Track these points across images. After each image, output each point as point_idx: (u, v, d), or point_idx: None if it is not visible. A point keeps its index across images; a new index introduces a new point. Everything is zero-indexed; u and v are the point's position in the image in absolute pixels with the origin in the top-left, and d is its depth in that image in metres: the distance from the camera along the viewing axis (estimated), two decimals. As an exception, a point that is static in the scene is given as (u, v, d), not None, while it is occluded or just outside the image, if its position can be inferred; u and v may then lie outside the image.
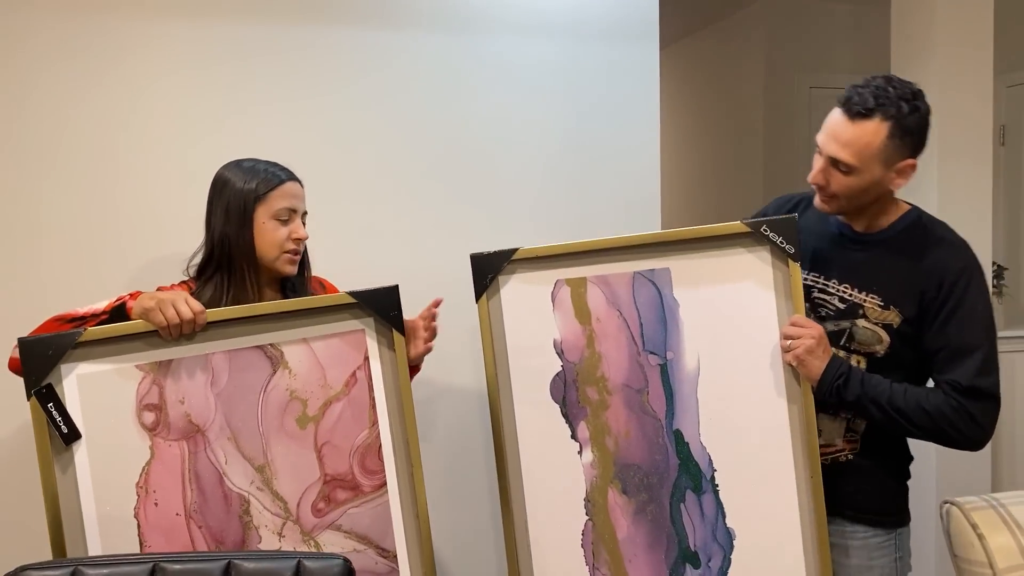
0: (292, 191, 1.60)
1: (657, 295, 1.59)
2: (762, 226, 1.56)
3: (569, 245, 1.60)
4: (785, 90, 3.96)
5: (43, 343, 1.36)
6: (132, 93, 2.01)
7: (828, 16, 3.99)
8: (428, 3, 2.21)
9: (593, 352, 1.59)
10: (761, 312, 1.58)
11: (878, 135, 1.46)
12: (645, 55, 2.40)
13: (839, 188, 1.52)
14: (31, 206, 1.95)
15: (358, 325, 1.48)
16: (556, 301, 1.60)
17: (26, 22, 1.94)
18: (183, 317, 1.38)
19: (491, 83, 2.26)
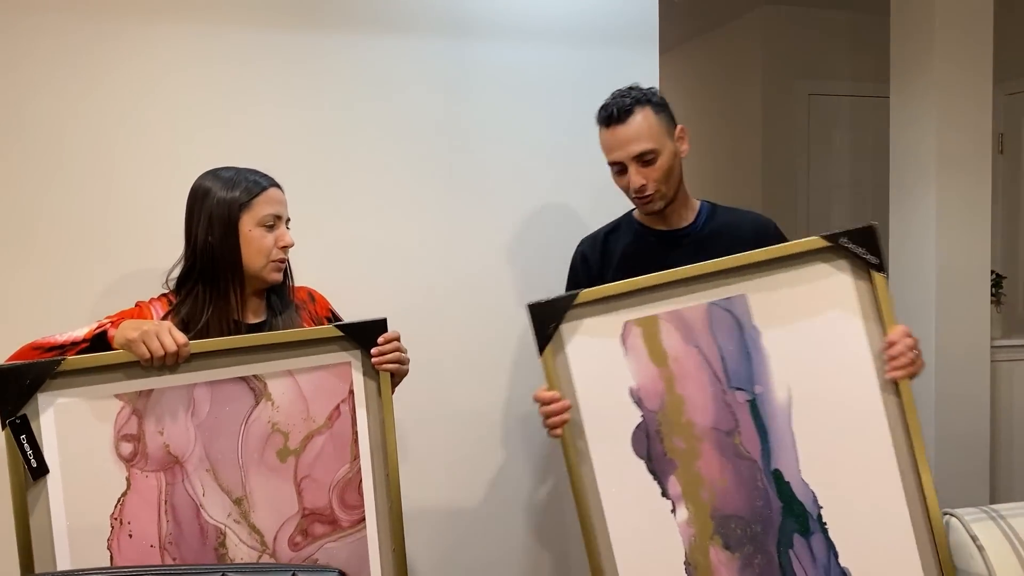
0: (276, 197, 1.57)
1: (736, 325, 1.45)
2: (840, 238, 1.44)
3: (634, 282, 1.46)
4: (784, 97, 3.93)
5: (21, 372, 1.33)
6: (130, 97, 1.99)
7: (826, 23, 3.96)
8: (427, 9, 2.19)
9: (674, 396, 1.44)
10: (848, 331, 1.44)
11: (649, 117, 1.67)
12: (645, 60, 2.38)
13: (658, 176, 1.67)
14: (28, 210, 1.93)
15: (345, 358, 1.45)
16: (627, 345, 1.45)
17: (25, 26, 1.92)
18: (167, 349, 1.35)
19: (491, 89, 2.25)
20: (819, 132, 3.97)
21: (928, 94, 2.78)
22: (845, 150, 4.01)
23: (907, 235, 2.89)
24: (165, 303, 1.56)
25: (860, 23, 3.97)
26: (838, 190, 4.01)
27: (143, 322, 1.39)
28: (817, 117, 3.97)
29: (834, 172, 4.00)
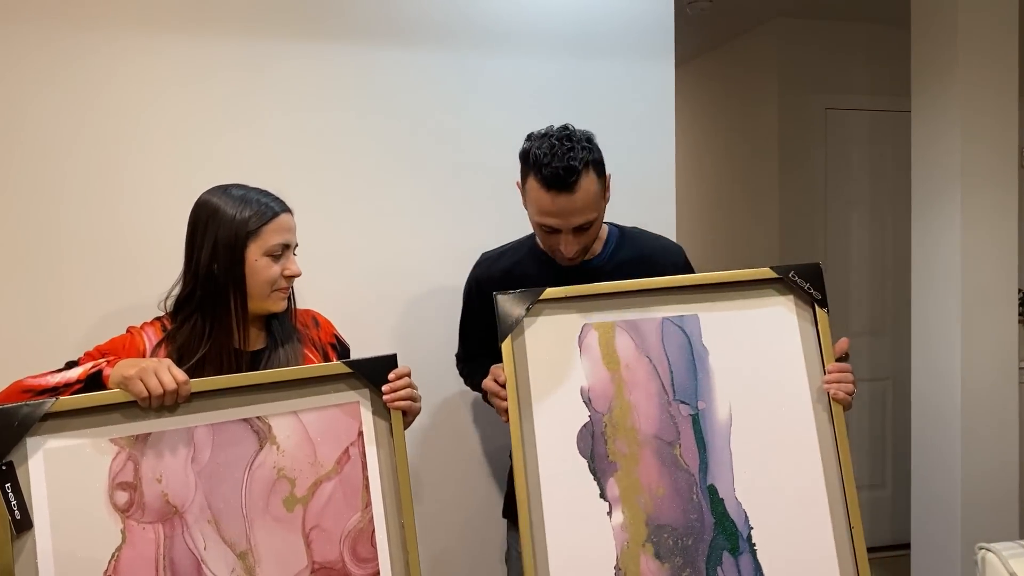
0: (286, 224, 1.48)
1: (687, 342, 1.53)
2: (789, 272, 1.54)
3: (596, 286, 1.53)
4: (800, 111, 3.84)
5: (8, 414, 1.23)
6: (129, 109, 1.94)
7: (843, 36, 3.87)
8: (440, 20, 2.15)
9: (622, 401, 1.49)
10: (789, 359, 1.53)
11: (593, 182, 1.56)
12: (661, 72, 2.34)
13: (587, 242, 1.62)
14: (22, 224, 1.88)
15: (353, 397, 1.37)
16: (583, 346, 1.51)
17: (24, 37, 1.87)
18: (166, 388, 1.26)
19: (507, 101, 2.21)
20: (836, 147, 3.88)
21: (951, 107, 2.69)
22: (864, 165, 3.92)
23: (930, 253, 2.79)
24: (159, 328, 1.47)
25: (877, 35, 3.89)
26: (857, 205, 3.91)
27: (140, 360, 1.30)
28: (834, 132, 3.87)
29: (852, 187, 3.91)
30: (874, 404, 3.90)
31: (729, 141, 4.28)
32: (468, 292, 1.84)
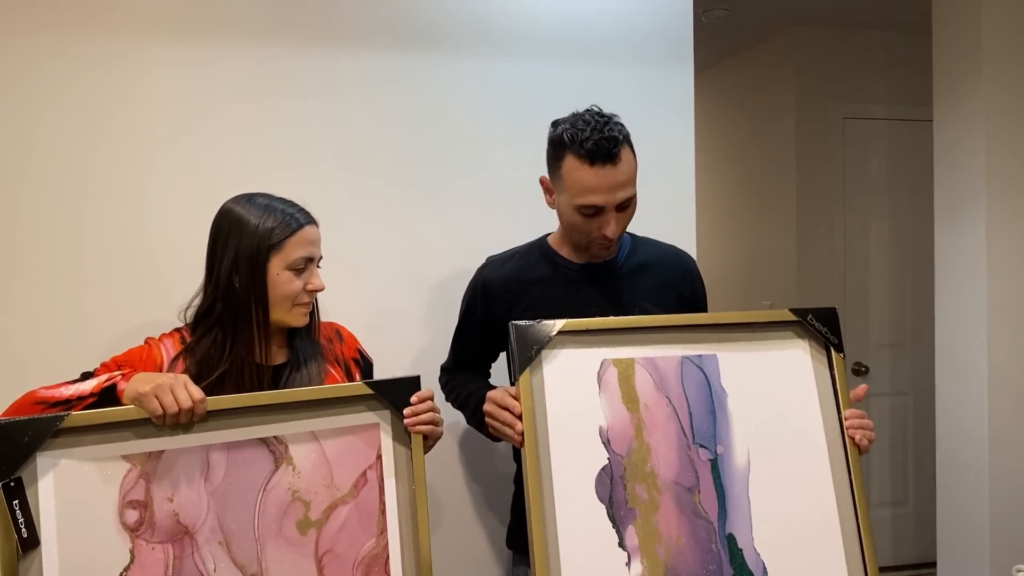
0: (310, 237, 1.44)
1: (706, 383, 1.48)
2: (807, 315, 1.52)
3: (616, 320, 1.48)
4: (818, 121, 3.79)
5: (18, 428, 1.19)
6: (151, 116, 1.93)
7: (861, 44, 3.83)
8: (457, 29, 2.13)
9: (642, 443, 1.43)
10: (805, 403, 1.51)
11: (631, 157, 1.54)
12: (680, 80, 2.31)
13: (627, 221, 1.58)
14: (46, 234, 1.86)
15: (372, 418, 1.32)
16: (602, 383, 1.44)
17: (44, 46, 1.86)
18: (182, 405, 1.22)
19: (525, 109, 2.18)
20: (855, 157, 3.83)
21: (974, 116, 2.64)
22: (882, 176, 3.87)
23: (955, 264, 2.74)
24: (177, 340, 1.44)
25: (896, 44, 3.85)
26: (875, 216, 3.86)
27: (156, 375, 1.26)
28: (853, 141, 3.83)
29: (871, 197, 3.86)
30: (895, 419, 3.84)
31: (746, 151, 4.24)
32: (471, 294, 1.77)
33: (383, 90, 2.08)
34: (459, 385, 1.79)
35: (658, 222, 2.05)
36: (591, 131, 1.50)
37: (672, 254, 1.76)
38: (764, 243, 4.06)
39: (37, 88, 1.86)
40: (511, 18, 2.17)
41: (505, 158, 2.16)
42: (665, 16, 2.30)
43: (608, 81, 2.24)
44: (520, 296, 1.67)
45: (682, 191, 2.32)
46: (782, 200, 3.90)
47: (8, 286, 1.85)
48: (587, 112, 1.56)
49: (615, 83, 2.25)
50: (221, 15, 1.96)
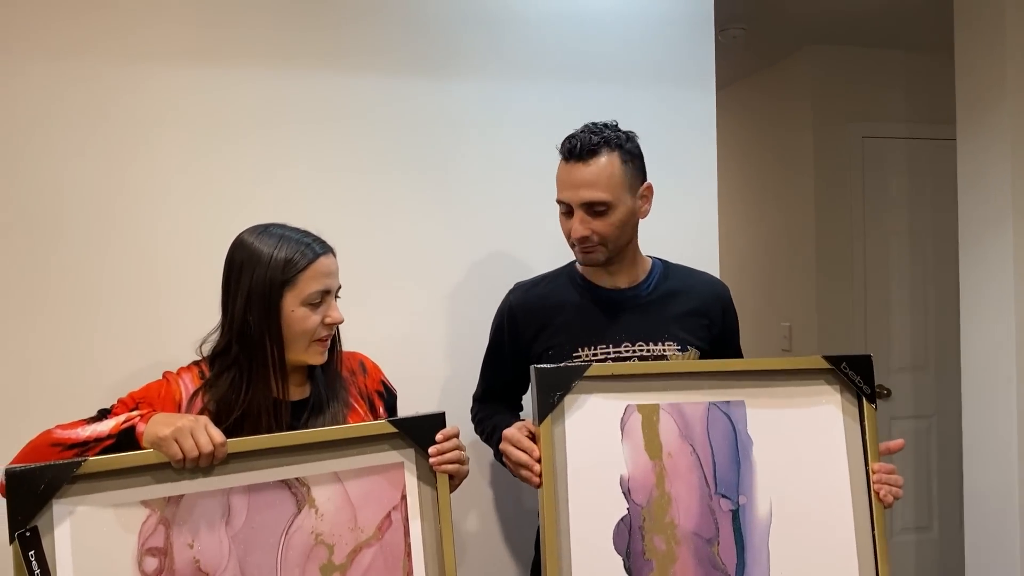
0: (325, 268, 1.38)
1: (731, 431, 1.45)
2: (841, 363, 1.47)
3: (642, 366, 1.46)
4: (836, 140, 3.75)
5: (35, 476, 1.16)
6: (173, 147, 1.91)
7: (880, 63, 3.79)
8: (479, 50, 2.11)
9: (663, 493, 1.40)
10: (833, 455, 1.47)
11: (614, 165, 1.51)
12: (702, 99, 2.29)
13: (604, 231, 1.53)
14: (65, 267, 1.84)
15: (397, 457, 1.29)
16: (625, 430, 1.41)
17: (63, 74, 1.85)
18: (202, 449, 1.19)
19: (547, 130, 2.10)
20: (874, 177, 3.79)
21: (1000, 133, 2.60)
22: (902, 195, 3.82)
23: (981, 285, 2.69)
24: (196, 374, 1.40)
25: (914, 62, 3.81)
26: (896, 237, 3.81)
27: (175, 417, 1.23)
28: (872, 161, 3.78)
29: (891, 219, 3.81)
30: (918, 443, 3.77)
31: (763, 170, 4.20)
32: (499, 320, 1.75)
33: (400, 114, 2.06)
34: (486, 418, 1.76)
35: (680, 245, 2.02)
36: (579, 132, 1.54)
37: (704, 281, 1.73)
38: (782, 263, 4.02)
39: (61, 120, 1.84)
40: (530, 40, 2.15)
41: (524, 181, 2.14)
42: (686, 37, 2.28)
43: (628, 103, 2.23)
44: (547, 321, 1.65)
45: (704, 214, 2.29)
46: (800, 220, 3.86)
47: (26, 318, 1.82)
48: (592, 122, 1.58)
49: (635, 105, 2.23)
50: (236, 41, 1.95)
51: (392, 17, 2.05)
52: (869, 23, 3.49)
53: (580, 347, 1.61)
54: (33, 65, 1.83)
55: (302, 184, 1.98)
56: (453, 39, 2.10)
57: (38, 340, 1.83)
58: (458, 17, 2.10)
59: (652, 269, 1.69)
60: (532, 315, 1.67)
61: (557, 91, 2.17)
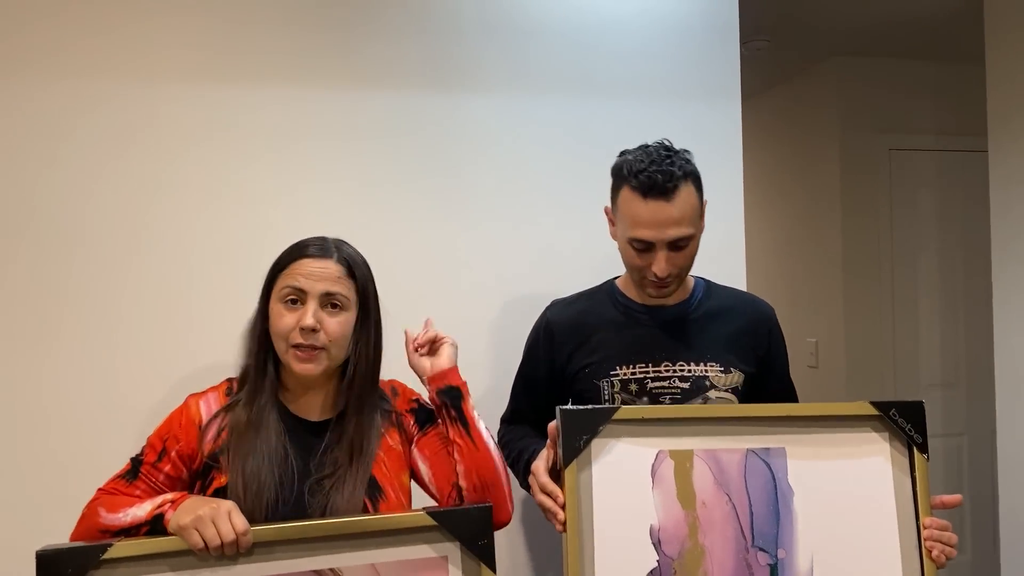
0: (306, 269, 1.32)
1: (771, 480, 1.36)
2: (891, 410, 1.37)
3: (676, 409, 1.39)
4: (863, 152, 3.68)
5: (63, 559, 1.14)
6: (212, 165, 1.91)
7: (908, 74, 3.71)
8: (498, 64, 2.08)
9: (696, 545, 1.32)
10: (881, 506, 1.37)
11: (692, 196, 1.48)
12: (727, 112, 2.25)
13: (684, 264, 1.51)
14: (61, 291, 1.82)
15: (438, 552, 1.22)
16: (656, 477, 1.33)
17: (100, 94, 1.85)
18: (224, 539, 1.15)
19: (568, 144, 2.12)
20: (902, 190, 3.71)
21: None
22: (931, 207, 3.75)
23: (1015, 298, 2.62)
24: (223, 392, 1.39)
25: (943, 73, 3.73)
26: (925, 251, 3.74)
27: (200, 504, 1.19)
28: (900, 174, 3.71)
29: (920, 231, 3.73)
30: (949, 462, 3.71)
31: (788, 184, 4.13)
32: (534, 336, 1.69)
33: (419, 129, 2.03)
34: (513, 440, 1.69)
35: (705, 261, 1.94)
36: (649, 163, 1.46)
37: (748, 302, 1.68)
38: (808, 277, 3.95)
39: (79, 133, 1.84)
40: (549, 53, 2.11)
41: (546, 197, 2.10)
42: (710, 49, 2.23)
43: (651, 117, 2.18)
44: (585, 339, 1.60)
45: (731, 229, 2.25)
46: (826, 233, 3.79)
47: (52, 332, 1.82)
48: (654, 144, 1.51)
49: (659, 119, 2.18)
50: (254, 61, 1.93)
51: (409, 31, 2.02)
52: (897, 33, 3.42)
53: (618, 365, 1.56)
54: (60, 84, 1.83)
55: (321, 200, 1.96)
56: (471, 53, 2.06)
57: (63, 354, 1.82)
58: (476, 31, 2.06)
59: (695, 288, 1.64)
60: (569, 332, 1.62)
61: (577, 105, 2.13)
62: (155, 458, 1.33)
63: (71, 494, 1.44)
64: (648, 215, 1.45)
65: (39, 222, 1.81)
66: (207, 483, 1.32)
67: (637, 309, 1.61)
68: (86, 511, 1.29)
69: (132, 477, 1.33)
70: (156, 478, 1.33)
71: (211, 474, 1.32)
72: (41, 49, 1.82)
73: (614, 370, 1.56)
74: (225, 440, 1.33)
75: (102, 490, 1.33)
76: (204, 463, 1.33)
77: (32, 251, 1.81)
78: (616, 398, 1.54)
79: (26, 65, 1.82)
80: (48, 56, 1.82)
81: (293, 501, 1.30)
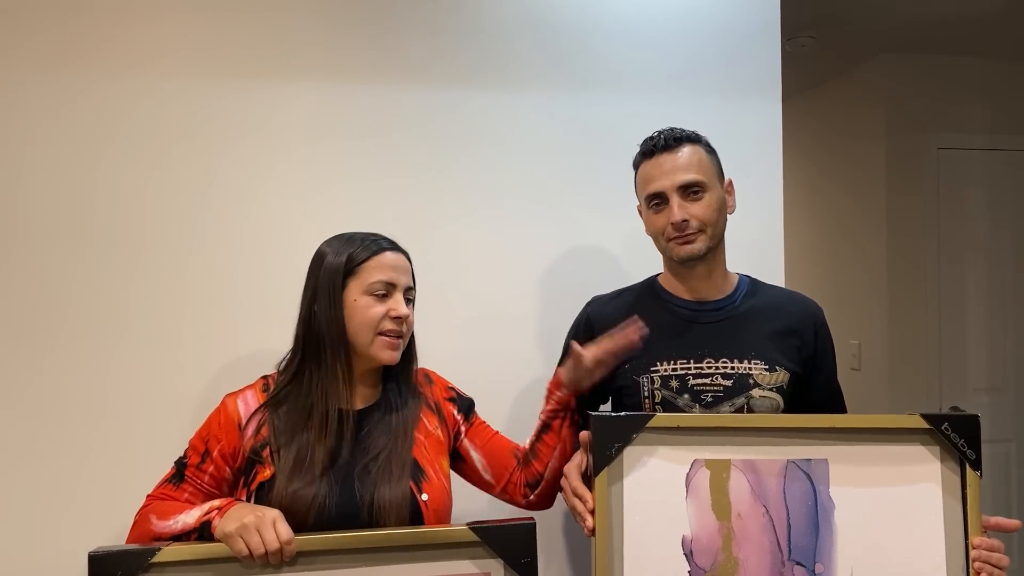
0: (390, 262, 1.38)
1: (811, 492, 1.32)
2: (943, 424, 1.31)
3: (714, 418, 1.35)
4: (910, 152, 3.60)
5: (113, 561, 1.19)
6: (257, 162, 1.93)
7: (956, 72, 3.62)
8: (543, 61, 2.07)
9: (729, 557, 1.30)
10: (927, 527, 1.32)
11: (699, 152, 1.52)
12: (767, 110, 2.21)
13: (702, 214, 1.50)
14: (119, 287, 1.86)
15: (480, 568, 1.22)
16: (691, 486, 1.31)
17: (137, 88, 1.87)
18: (268, 547, 1.17)
19: (605, 141, 2.10)
20: (950, 190, 3.63)
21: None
22: (980, 208, 3.66)
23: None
24: (260, 388, 1.41)
25: (994, 71, 3.63)
26: (972, 252, 3.65)
27: (246, 511, 1.21)
28: (947, 173, 3.62)
29: (968, 233, 3.65)
30: (996, 469, 3.63)
31: (832, 183, 4.06)
32: (574, 331, 1.68)
33: (452, 125, 2.02)
34: None
35: (744, 259, 1.94)
36: (655, 133, 1.55)
37: (796, 300, 1.63)
38: (852, 279, 3.88)
39: (127, 131, 1.86)
40: (587, 50, 2.09)
41: (588, 193, 2.09)
42: (752, 46, 2.19)
43: (691, 114, 2.14)
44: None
45: (770, 227, 2.21)
46: (871, 234, 3.72)
47: (111, 327, 1.85)
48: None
49: (699, 116, 2.13)
50: (293, 57, 1.94)
51: (447, 28, 2.02)
52: (946, 30, 3.34)
53: (659, 361, 1.53)
54: (102, 81, 1.85)
55: (357, 196, 1.97)
56: (509, 50, 2.05)
57: (121, 348, 1.85)
58: (514, 28, 2.05)
59: (739, 284, 1.61)
60: (609, 326, 1.57)
61: (615, 100, 2.11)
62: (198, 460, 1.37)
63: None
64: (655, 168, 1.52)
65: (98, 216, 1.85)
66: (250, 478, 1.34)
67: (679, 304, 1.59)
68: (138, 517, 1.33)
69: (179, 480, 1.37)
70: (201, 479, 1.36)
71: (254, 468, 1.34)
72: (89, 45, 1.85)
73: (654, 366, 1.53)
74: (266, 435, 1.35)
75: (152, 496, 1.37)
76: (247, 458, 1.35)
77: (94, 244, 1.84)
78: (656, 394, 1.52)
79: (76, 58, 1.84)
80: (95, 52, 1.85)
81: (339, 490, 1.31)
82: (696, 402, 1.51)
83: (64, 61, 1.84)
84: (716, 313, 1.56)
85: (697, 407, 1.50)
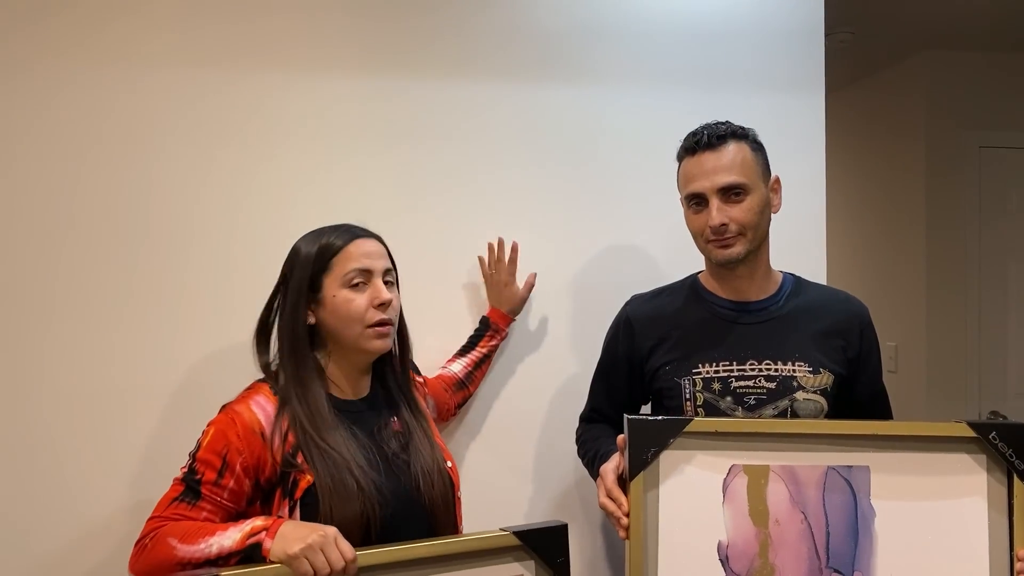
0: (361, 250, 1.34)
1: (851, 500, 1.30)
2: (991, 433, 1.28)
3: (753, 423, 1.36)
4: (951, 150, 3.54)
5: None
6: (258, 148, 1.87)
7: (1000, 68, 3.55)
8: (585, 59, 2.05)
9: (765, 563, 1.29)
10: (971, 538, 1.29)
11: (744, 151, 1.48)
12: (810, 105, 2.19)
13: (742, 218, 1.46)
14: (121, 277, 1.80)
15: (517, 569, 1.24)
16: (728, 492, 1.30)
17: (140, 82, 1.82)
18: (334, 567, 1.14)
19: (651, 139, 2.06)
20: (992, 189, 3.56)
21: None
22: (1023, 209, 3.59)
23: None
24: (268, 392, 1.35)
25: (1037, 67, 3.56)
26: (1014, 253, 3.58)
27: (305, 531, 1.17)
28: (989, 172, 3.56)
29: (1009, 233, 3.58)
30: (1036, 475, 3.56)
31: (870, 181, 4.01)
32: (613, 331, 1.67)
33: (514, 122, 2.01)
34: (589, 440, 1.66)
35: (785, 257, 1.92)
36: (699, 128, 1.51)
37: (841, 299, 1.60)
38: (890, 279, 3.83)
39: (150, 123, 1.82)
40: (633, 48, 2.07)
41: (629, 191, 2.06)
42: (794, 43, 2.16)
43: (734, 111, 2.03)
44: (665, 335, 1.57)
45: (813, 224, 2.18)
46: (910, 233, 3.66)
47: (111, 317, 1.78)
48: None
49: (742, 113, 2.05)
50: (339, 53, 1.91)
51: (503, 26, 2.01)
52: (988, 26, 3.28)
53: (701, 363, 1.51)
54: (146, 76, 1.82)
55: (391, 196, 1.94)
56: (563, 47, 2.03)
57: (120, 339, 1.79)
58: (563, 26, 2.03)
59: (783, 283, 1.58)
60: (649, 327, 1.59)
61: (657, 96, 2.08)
62: (215, 475, 1.26)
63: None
64: (696, 167, 1.48)
65: (106, 205, 1.79)
66: (290, 487, 1.28)
67: (721, 304, 1.56)
68: (153, 543, 1.22)
69: (194, 498, 1.26)
70: (220, 496, 1.27)
71: (292, 476, 1.28)
72: (127, 40, 1.81)
73: (696, 368, 1.51)
74: (294, 440, 1.29)
75: (163, 517, 1.25)
76: (280, 469, 1.29)
77: (98, 234, 1.79)
78: (698, 397, 1.50)
79: (120, 56, 1.81)
80: (136, 46, 1.82)
81: (384, 479, 1.31)
82: (739, 405, 1.49)
83: (50, 54, 1.78)
84: (759, 314, 1.54)
85: (740, 410, 1.48)
